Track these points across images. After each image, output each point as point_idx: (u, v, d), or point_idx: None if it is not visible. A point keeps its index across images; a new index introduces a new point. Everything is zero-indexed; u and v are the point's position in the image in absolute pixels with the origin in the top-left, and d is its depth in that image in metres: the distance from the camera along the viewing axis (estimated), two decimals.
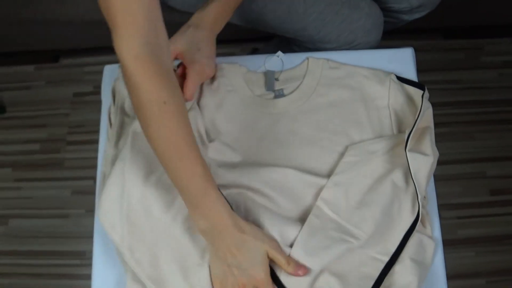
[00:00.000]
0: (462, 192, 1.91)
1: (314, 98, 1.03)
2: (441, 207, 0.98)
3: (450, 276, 0.94)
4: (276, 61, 1.08)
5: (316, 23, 1.14)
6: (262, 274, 0.81)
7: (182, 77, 0.96)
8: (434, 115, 0.98)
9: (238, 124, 0.98)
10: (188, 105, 0.98)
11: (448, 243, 1.80)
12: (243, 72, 1.06)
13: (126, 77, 0.76)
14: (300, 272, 0.83)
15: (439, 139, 0.94)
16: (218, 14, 0.99)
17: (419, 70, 1.08)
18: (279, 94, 1.04)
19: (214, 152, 0.98)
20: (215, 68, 1.02)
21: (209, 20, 0.98)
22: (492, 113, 2.02)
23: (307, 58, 1.06)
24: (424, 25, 1.84)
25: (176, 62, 0.98)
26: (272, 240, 0.85)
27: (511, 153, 1.97)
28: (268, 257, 0.83)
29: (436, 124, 0.98)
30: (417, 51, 1.12)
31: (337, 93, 1.03)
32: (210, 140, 0.99)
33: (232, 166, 0.97)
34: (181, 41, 0.95)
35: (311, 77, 1.04)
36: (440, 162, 0.94)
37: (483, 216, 1.89)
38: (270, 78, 1.05)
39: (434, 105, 0.99)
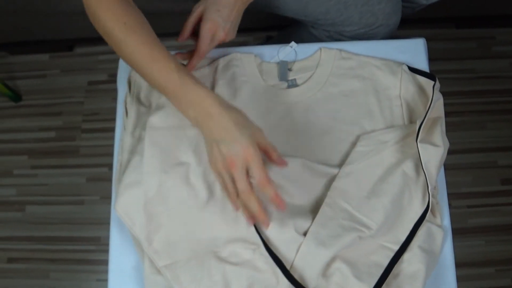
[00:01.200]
0: (473, 181, 1.92)
1: (327, 88, 1.04)
2: (451, 196, 0.99)
3: (460, 264, 0.95)
4: (290, 51, 1.09)
5: (339, 5, 1.14)
6: (251, 148, 0.81)
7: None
8: (446, 104, 0.99)
9: (251, 113, 1.00)
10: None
11: (458, 232, 1.82)
12: (257, 62, 1.07)
13: (86, 9, 0.86)
14: (284, 164, 0.87)
15: (451, 128, 0.95)
16: None
17: (431, 59, 1.09)
18: (292, 84, 1.05)
19: None
20: (231, 35, 1.00)
21: None
22: (504, 103, 2.02)
23: (320, 49, 1.07)
24: (436, 15, 1.84)
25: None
26: (258, 127, 0.86)
27: None
28: (256, 140, 0.84)
29: (448, 113, 0.99)
30: (429, 40, 1.12)
31: (349, 83, 1.04)
32: None
33: None
34: (205, 2, 0.97)
35: (323, 67, 1.05)
36: (451, 151, 0.95)
37: (494, 206, 1.90)
38: (283, 68, 1.06)
39: (445, 94, 1.00)
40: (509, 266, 1.84)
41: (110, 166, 1.93)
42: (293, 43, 1.10)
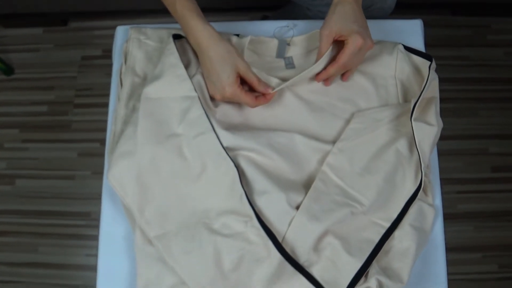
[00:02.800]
0: (464, 168, 1.93)
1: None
2: (442, 181, 0.99)
3: (448, 249, 0.96)
4: (286, 30, 1.09)
5: None
6: (229, 88, 0.92)
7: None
8: (440, 91, 0.99)
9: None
10: (194, 69, 0.99)
11: (448, 217, 1.83)
12: (252, 39, 1.06)
13: None
14: (269, 90, 0.95)
15: (444, 114, 0.95)
16: None
17: (426, 45, 1.09)
18: (289, 63, 1.05)
19: (221, 115, 0.99)
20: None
21: None
22: (497, 91, 2.03)
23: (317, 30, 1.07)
24: (432, 0, 1.85)
25: None
26: (245, 62, 0.93)
27: None
28: (240, 75, 0.93)
29: (441, 100, 0.99)
30: (425, 26, 1.13)
31: None
32: (216, 105, 1.00)
33: (238, 129, 0.98)
34: (333, 21, 0.92)
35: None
36: (443, 137, 0.95)
37: (484, 192, 1.91)
38: (281, 46, 1.06)
39: (439, 80, 1.00)
40: (496, 252, 1.86)
41: (102, 141, 1.92)
42: (290, 23, 1.09)
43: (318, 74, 0.98)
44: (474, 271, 1.84)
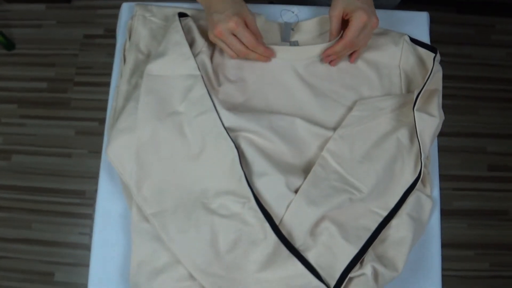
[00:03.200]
0: (461, 165, 1.94)
1: None
2: (439, 177, 1.00)
3: (442, 245, 0.96)
4: (291, 16, 1.08)
5: None
6: (235, 17, 0.90)
7: None
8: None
9: (249, 69, 0.99)
10: (198, 48, 0.98)
11: (443, 213, 1.83)
12: (259, 17, 1.06)
13: None
14: (269, 50, 0.98)
15: (443, 111, 0.95)
16: None
17: (431, 38, 1.09)
18: (294, 44, 1.05)
19: (224, 95, 0.99)
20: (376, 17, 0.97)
21: None
22: (497, 91, 2.04)
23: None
24: None
25: None
26: (252, 14, 0.95)
27: None
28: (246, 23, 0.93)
29: (442, 96, 0.99)
30: (430, 22, 1.12)
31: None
32: (220, 84, 1.00)
33: (240, 110, 0.98)
34: (339, 1, 0.93)
35: (327, 32, 1.04)
36: (442, 134, 0.95)
37: (479, 190, 1.92)
38: (286, 29, 1.05)
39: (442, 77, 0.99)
40: (488, 250, 1.87)
41: (100, 120, 1.92)
42: (295, 8, 1.08)
43: (325, 51, 0.98)
44: (466, 268, 1.85)
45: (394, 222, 0.89)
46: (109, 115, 1.01)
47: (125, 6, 1.12)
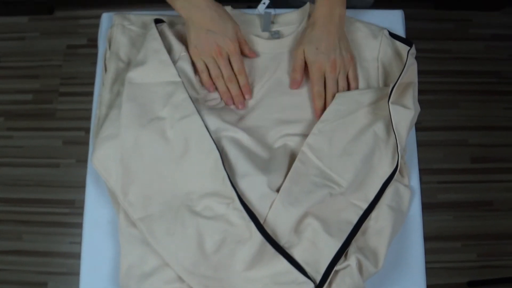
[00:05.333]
0: (443, 158, 1.96)
1: None
2: (422, 171, 1.01)
3: (428, 238, 0.98)
4: (263, 7, 1.09)
5: None
6: (235, 42, 0.98)
7: None
8: (422, 83, 1.02)
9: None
10: (176, 54, 1.00)
11: (427, 207, 1.86)
12: (235, 13, 1.08)
13: None
14: (254, 55, 1.04)
15: (425, 106, 0.97)
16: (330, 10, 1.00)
17: (407, 36, 1.10)
18: (276, 35, 1.07)
19: (206, 98, 1.02)
20: (345, 57, 1.01)
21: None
22: (477, 84, 2.06)
23: (308, 3, 1.09)
24: None
25: None
26: (235, 22, 1.00)
27: (493, 123, 2.02)
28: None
29: (422, 91, 1.01)
30: (407, 19, 1.15)
31: None
32: (203, 88, 1.02)
33: (223, 112, 1.00)
34: (302, 44, 1.00)
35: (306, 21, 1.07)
36: (424, 128, 0.97)
37: (463, 182, 1.94)
38: (267, 19, 1.07)
39: (421, 73, 1.02)
40: (475, 241, 1.89)
41: (86, 129, 1.92)
42: (266, 0, 1.10)
43: (316, 110, 1.01)
44: (454, 259, 1.87)
45: (374, 213, 0.92)
46: (93, 124, 1.02)
47: (105, 16, 1.13)
